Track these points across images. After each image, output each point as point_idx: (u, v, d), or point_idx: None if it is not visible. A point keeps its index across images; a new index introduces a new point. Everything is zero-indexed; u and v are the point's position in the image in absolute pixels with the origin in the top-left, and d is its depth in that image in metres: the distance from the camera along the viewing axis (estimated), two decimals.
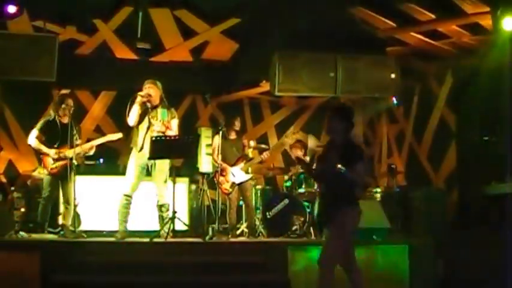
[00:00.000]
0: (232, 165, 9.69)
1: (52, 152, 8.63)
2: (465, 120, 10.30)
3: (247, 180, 9.77)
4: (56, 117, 8.75)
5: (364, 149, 10.44)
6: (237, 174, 9.65)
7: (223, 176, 9.57)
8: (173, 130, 8.71)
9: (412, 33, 9.72)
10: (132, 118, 8.54)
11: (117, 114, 11.08)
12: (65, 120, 8.74)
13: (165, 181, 8.71)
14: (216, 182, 9.39)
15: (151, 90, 8.64)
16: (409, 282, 8.34)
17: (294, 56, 9.92)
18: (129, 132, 8.93)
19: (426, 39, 9.80)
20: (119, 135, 9.16)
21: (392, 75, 10.10)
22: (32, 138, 8.72)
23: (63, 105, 8.76)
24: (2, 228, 7.82)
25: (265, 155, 9.96)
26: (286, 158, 12.16)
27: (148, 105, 8.63)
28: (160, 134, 8.51)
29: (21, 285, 6.95)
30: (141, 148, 8.52)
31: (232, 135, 9.90)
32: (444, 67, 10.67)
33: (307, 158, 10.00)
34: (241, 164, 9.71)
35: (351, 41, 9.86)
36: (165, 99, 8.79)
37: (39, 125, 8.77)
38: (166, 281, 7.33)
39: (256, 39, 10.17)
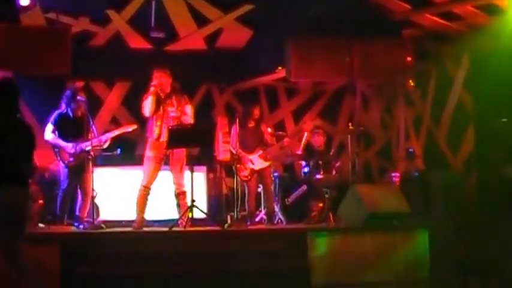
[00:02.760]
0: (250, 152, 9.65)
1: (69, 146, 8.63)
2: (483, 102, 10.21)
3: (265, 168, 9.74)
4: (68, 110, 8.73)
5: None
6: (256, 161, 9.62)
7: (241, 164, 9.54)
8: (188, 115, 8.73)
9: (428, 15, 9.64)
10: (147, 109, 8.55)
11: (132, 105, 11.03)
12: (79, 113, 8.73)
13: (182, 169, 8.72)
14: (234, 169, 9.38)
15: (162, 79, 8.64)
16: (429, 266, 8.31)
17: (309, 41, 9.88)
18: (145, 122, 8.92)
19: (442, 21, 9.72)
20: (134, 126, 9.11)
21: (408, 59, 10.05)
22: (48, 133, 8.70)
23: (75, 99, 8.72)
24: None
25: (287, 140, 9.92)
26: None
27: (161, 94, 8.64)
28: (176, 121, 8.53)
29: (40, 276, 6.93)
30: (158, 137, 8.53)
31: (251, 123, 9.83)
32: (460, 49, 10.57)
33: None
34: (260, 152, 9.67)
35: (365, 25, 9.81)
36: (180, 87, 8.79)
37: (52, 118, 8.76)
38: (186, 269, 7.34)
39: (271, 25, 10.12)
